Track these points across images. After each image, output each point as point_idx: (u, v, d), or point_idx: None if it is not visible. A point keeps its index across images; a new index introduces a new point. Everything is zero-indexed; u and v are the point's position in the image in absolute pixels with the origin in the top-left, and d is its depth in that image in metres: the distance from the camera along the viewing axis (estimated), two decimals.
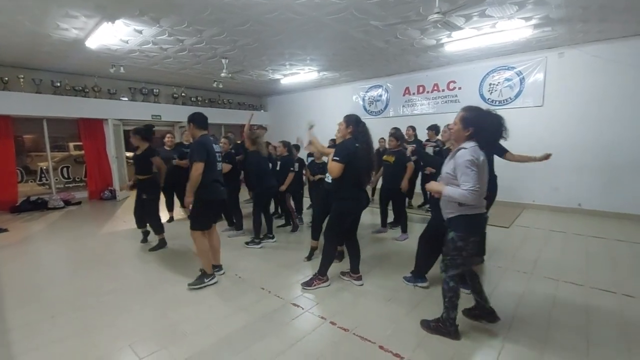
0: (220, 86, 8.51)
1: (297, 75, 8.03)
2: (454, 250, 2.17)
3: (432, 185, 2.22)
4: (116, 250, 4.42)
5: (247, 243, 4.34)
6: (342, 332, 2.35)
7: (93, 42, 5.13)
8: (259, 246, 4.28)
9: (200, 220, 3.12)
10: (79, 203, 7.54)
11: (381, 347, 2.17)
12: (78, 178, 8.23)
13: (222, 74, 6.65)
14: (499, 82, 6.84)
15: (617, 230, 4.80)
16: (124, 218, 6.05)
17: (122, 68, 6.66)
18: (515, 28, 4.96)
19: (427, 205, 5.51)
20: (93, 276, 3.47)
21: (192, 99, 9.74)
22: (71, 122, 7.87)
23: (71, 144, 8.31)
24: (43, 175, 7.77)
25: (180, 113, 9.20)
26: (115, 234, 5.12)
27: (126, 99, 8.36)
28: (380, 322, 2.48)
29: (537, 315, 2.59)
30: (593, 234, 4.65)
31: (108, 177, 8.14)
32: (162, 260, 3.93)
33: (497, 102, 6.89)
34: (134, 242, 4.64)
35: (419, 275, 3.08)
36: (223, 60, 6.37)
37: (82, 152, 8.06)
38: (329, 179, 3.19)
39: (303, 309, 2.69)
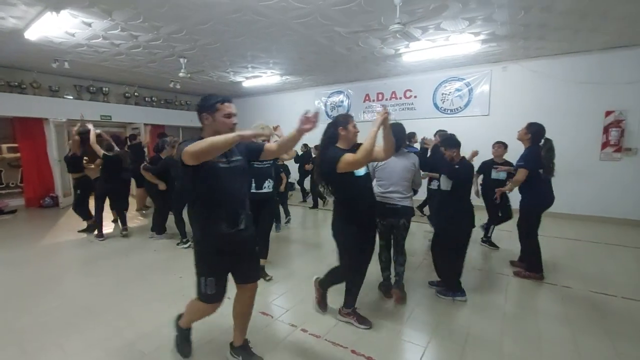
0: (178, 87, 8.14)
1: (259, 78, 7.92)
2: None
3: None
4: (59, 262, 4.03)
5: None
6: (313, 339, 2.33)
7: (33, 34, 4.64)
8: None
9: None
10: (14, 211, 6.74)
11: (353, 352, 2.18)
12: (12, 183, 7.37)
13: (180, 74, 6.36)
14: (450, 92, 7.30)
15: (553, 228, 5.28)
16: (68, 227, 5.52)
17: (66, 63, 6.09)
18: (465, 42, 5.34)
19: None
20: (32, 293, 3.11)
21: (147, 99, 9.18)
22: (4, 121, 7.04)
23: (4, 146, 7.40)
24: None
25: (132, 114, 8.64)
26: (57, 245, 4.65)
27: (71, 97, 7.66)
28: (350, 327, 2.49)
29: (523, 309, 2.79)
30: None
31: (49, 183, 7.37)
32: (111, 272, 3.64)
33: (449, 111, 7.34)
34: (78, 254, 4.27)
35: (451, 288, 2.97)
36: (181, 60, 6.09)
37: (18, 154, 7.24)
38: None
39: (272, 317, 2.64)
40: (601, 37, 5.13)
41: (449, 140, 2.96)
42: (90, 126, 4.76)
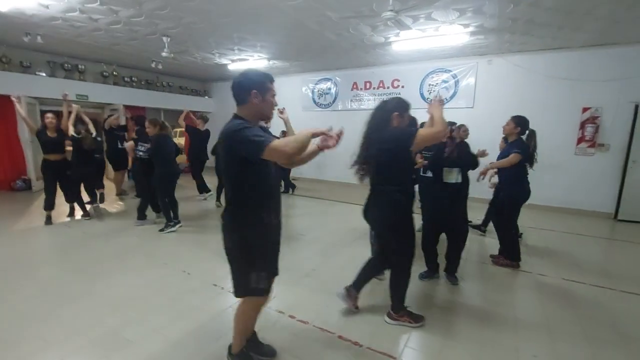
0: (160, 67, 7.80)
1: (245, 61, 7.70)
2: None
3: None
4: (34, 249, 3.89)
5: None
6: (301, 325, 2.37)
7: (3, 4, 4.33)
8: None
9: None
10: None
11: (340, 337, 2.24)
12: None
13: (163, 54, 6.10)
14: (436, 83, 7.35)
15: (528, 219, 5.48)
16: (43, 211, 5.28)
17: (39, 37, 5.71)
18: (454, 33, 5.35)
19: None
20: (8, 280, 3.00)
21: (126, 78, 8.77)
22: None
23: None
24: None
25: (111, 94, 8.25)
26: (32, 230, 4.48)
27: (44, 74, 7.21)
28: (337, 313, 2.54)
29: (500, 294, 2.90)
30: None
31: (21, 165, 7.01)
32: (91, 258, 3.55)
33: None
34: (55, 239, 4.13)
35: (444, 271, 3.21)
36: (164, 38, 5.83)
37: None
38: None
39: None
40: (583, 35, 5.27)
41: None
42: (74, 107, 4.66)
